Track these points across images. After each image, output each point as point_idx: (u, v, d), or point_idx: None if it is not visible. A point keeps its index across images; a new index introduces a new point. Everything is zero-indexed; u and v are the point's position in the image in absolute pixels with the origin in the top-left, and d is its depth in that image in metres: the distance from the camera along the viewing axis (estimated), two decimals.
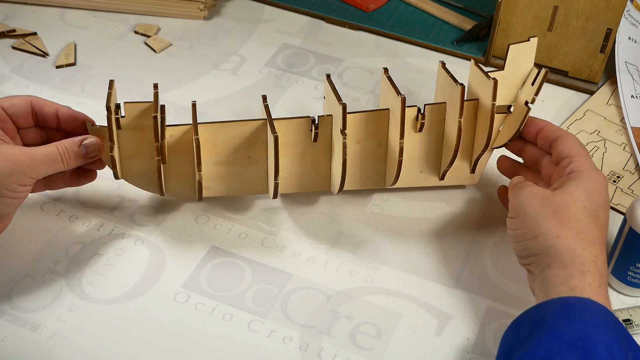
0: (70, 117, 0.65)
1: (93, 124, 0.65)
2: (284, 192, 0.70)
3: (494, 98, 0.64)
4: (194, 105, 0.67)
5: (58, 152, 0.61)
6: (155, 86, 0.66)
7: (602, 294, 0.54)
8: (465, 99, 0.65)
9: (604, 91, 0.87)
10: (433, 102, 0.70)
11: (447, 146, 0.68)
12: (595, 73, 0.86)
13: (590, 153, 0.78)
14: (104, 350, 0.60)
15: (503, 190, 0.69)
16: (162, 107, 0.64)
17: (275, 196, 0.66)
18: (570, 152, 0.62)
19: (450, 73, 0.68)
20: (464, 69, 0.90)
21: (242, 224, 0.70)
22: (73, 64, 0.88)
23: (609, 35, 0.82)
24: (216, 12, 0.98)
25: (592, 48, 0.84)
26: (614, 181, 0.75)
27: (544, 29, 0.85)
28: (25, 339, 0.60)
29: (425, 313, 0.63)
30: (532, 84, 0.67)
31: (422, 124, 0.67)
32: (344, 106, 0.63)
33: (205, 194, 0.67)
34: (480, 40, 0.92)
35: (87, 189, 0.72)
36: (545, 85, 0.88)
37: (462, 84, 0.64)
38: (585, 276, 0.54)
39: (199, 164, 0.64)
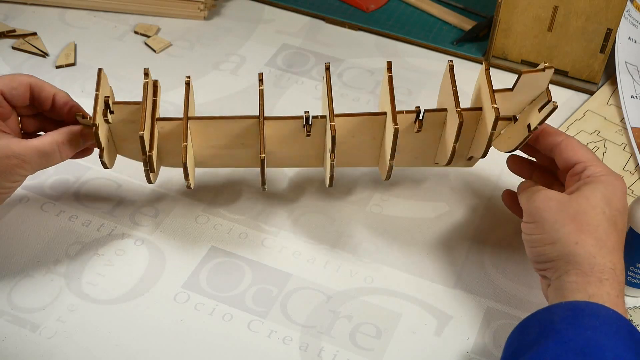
0: (65, 105, 0.65)
1: (85, 115, 0.64)
2: (276, 166, 0.70)
3: (494, 127, 0.62)
4: (187, 83, 0.67)
5: (53, 148, 0.62)
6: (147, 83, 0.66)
7: (620, 304, 0.53)
8: (470, 105, 0.63)
9: (604, 91, 0.86)
10: (436, 98, 0.70)
11: (443, 151, 0.67)
12: (595, 73, 0.86)
13: None
14: (104, 350, 0.60)
15: (509, 195, 0.68)
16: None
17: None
18: (581, 158, 0.60)
19: (454, 79, 0.65)
20: (464, 69, 0.90)
21: (242, 224, 0.70)
22: (73, 64, 0.88)
23: (609, 36, 0.82)
24: (216, 12, 0.98)
25: (592, 48, 0.84)
26: None
27: (544, 29, 0.85)
28: (25, 339, 0.60)
29: (425, 313, 0.63)
30: (539, 111, 0.63)
31: (420, 129, 0.66)
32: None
33: (200, 165, 0.68)
34: (480, 41, 0.92)
35: (87, 189, 0.72)
36: None
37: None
38: (603, 284, 0.53)
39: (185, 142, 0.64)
